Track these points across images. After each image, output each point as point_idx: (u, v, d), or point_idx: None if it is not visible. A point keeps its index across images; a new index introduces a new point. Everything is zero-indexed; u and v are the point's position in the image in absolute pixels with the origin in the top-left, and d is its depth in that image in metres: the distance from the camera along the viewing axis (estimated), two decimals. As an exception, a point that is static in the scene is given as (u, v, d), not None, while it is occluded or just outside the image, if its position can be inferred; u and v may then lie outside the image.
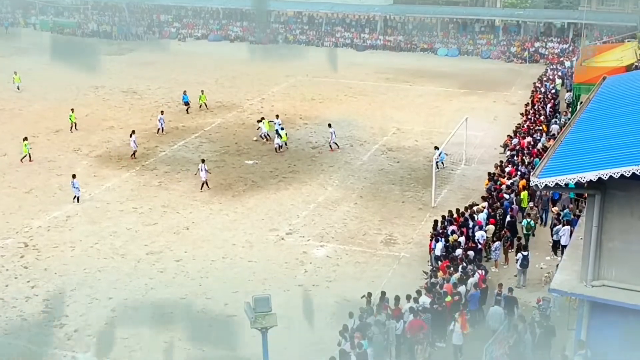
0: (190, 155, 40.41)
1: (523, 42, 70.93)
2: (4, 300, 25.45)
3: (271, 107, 50.46)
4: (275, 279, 26.95)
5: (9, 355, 22.43)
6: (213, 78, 58.93)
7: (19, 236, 30.52)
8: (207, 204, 33.97)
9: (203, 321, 24.19)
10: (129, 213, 32.95)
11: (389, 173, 37.96)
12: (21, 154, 39.22)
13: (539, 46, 70.30)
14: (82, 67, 61.53)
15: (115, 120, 47.13)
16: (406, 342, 21.38)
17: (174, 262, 28.39)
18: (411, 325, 21.35)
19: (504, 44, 71.63)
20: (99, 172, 37.87)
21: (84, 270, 27.67)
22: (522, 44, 70.60)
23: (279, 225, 31.63)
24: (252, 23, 79.69)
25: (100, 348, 22.75)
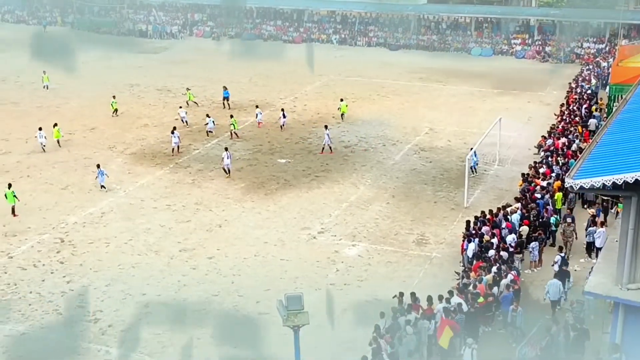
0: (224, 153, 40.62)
1: (558, 42, 70.17)
2: (40, 295, 25.87)
3: (304, 106, 50.59)
4: (306, 277, 27.03)
5: (44, 349, 22.80)
6: (246, 77, 59.21)
7: (55, 232, 30.99)
8: (240, 202, 34.17)
9: (235, 318, 24.36)
10: (162, 210, 33.28)
11: (422, 173, 37.85)
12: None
13: (575, 46, 69.49)
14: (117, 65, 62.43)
15: (149, 118, 47.60)
16: (438, 343, 21.30)
17: (206, 259, 28.62)
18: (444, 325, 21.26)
19: (539, 43, 70.91)
20: (133, 170, 38.30)
21: (118, 266, 28.02)
22: (558, 44, 69.85)
23: (310, 224, 31.71)
24: (285, 22, 79.90)
25: (133, 343, 23.02)
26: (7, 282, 26.73)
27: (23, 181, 36.51)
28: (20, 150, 41.24)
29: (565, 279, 24.34)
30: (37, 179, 36.87)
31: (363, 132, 44.62)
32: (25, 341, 23.20)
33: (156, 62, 66.18)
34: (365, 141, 42.86)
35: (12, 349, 22.76)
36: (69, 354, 22.56)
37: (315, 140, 42.86)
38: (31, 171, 37.98)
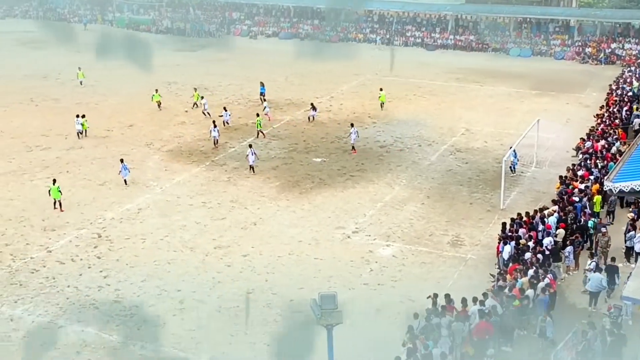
0: (259, 152, 40.75)
1: (599, 43, 69.18)
2: (77, 289, 26.24)
3: (340, 105, 50.59)
4: (340, 277, 27.02)
5: (81, 343, 23.10)
6: (283, 75, 59.39)
7: (92, 227, 31.41)
8: (275, 200, 34.29)
9: (268, 316, 24.45)
10: (198, 207, 33.53)
11: (457, 174, 37.60)
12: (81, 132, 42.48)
13: (616, 47, 68.44)
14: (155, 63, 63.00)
15: (186, 115, 47.97)
16: (472, 345, 21.15)
17: (241, 256, 28.77)
18: (478, 327, 21.13)
19: (579, 44, 70.01)
20: (170, 167, 38.64)
21: (154, 262, 28.30)
22: (598, 45, 68.88)
23: (345, 224, 31.70)
24: (322, 21, 79.98)
25: (168, 339, 23.24)
26: (46, 276, 27.17)
27: (62, 177, 37.05)
28: (60, 146, 41.87)
29: (614, 274, 24.29)
30: (76, 175, 37.39)
31: (399, 132, 44.47)
32: (63, 334, 23.54)
33: (194, 60, 66.71)
34: (401, 141, 42.72)
35: (49, 342, 23.12)
36: (105, 348, 22.84)
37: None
38: (70, 167, 38.54)
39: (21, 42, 73.68)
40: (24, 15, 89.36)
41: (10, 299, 25.60)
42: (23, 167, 38.56)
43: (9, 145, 41.85)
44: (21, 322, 24.24)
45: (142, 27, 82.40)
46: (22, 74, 59.18)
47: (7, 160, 39.43)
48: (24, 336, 23.39)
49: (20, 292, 26.05)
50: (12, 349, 22.84)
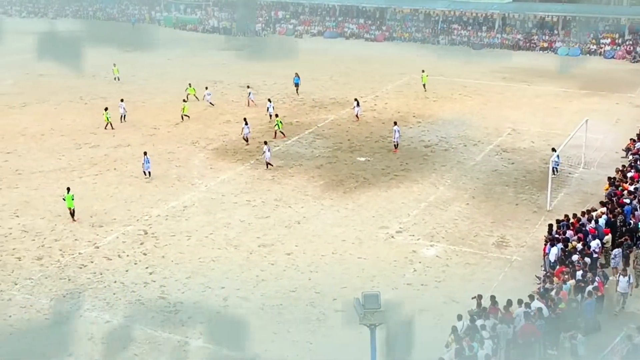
0: (304, 150, 40.96)
1: (650, 42, 67.74)
2: (124, 285, 26.65)
3: (385, 104, 50.44)
4: (383, 276, 26.95)
5: (127, 337, 23.46)
6: (327, 74, 59.42)
7: (139, 224, 31.86)
8: (319, 199, 34.34)
9: (311, 315, 24.51)
10: (242, 205, 33.76)
11: (503, 174, 37.19)
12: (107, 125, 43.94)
13: (668, 46, 66.96)
14: (201, 62, 63.67)
15: (232, 114, 48.31)
16: (517, 348, 20.92)
17: (284, 255, 28.89)
18: (523, 330, 20.88)
19: (629, 43, 68.57)
20: (215, 165, 38.98)
21: (198, 260, 28.58)
22: (649, 44, 67.45)
23: (389, 223, 31.60)
24: (367, 20, 79.81)
25: (212, 335, 23.45)
26: (93, 272, 27.65)
27: (110, 174, 37.69)
28: (108, 143, 42.56)
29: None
30: (123, 172, 37.95)
31: (444, 131, 44.16)
32: (109, 329, 23.94)
33: (239, 59, 67.10)
34: (446, 141, 42.42)
35: (97, 336, 23.53)
36: (149, 343, 23.16)
37: (395, 139, 42.68)
38: (117, 164, 39.14)
39: (72, 41, 74.98)
40: (75, 15, 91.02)
41: (59, 293, 26.13)
42: (72, 164, 39.29)
43: (59, 143, 42.68)
44: (70, 316, 24.69)
45: (189, 27, 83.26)
46: (73, 72, 60.21)
47: (57, 157, 40.22)
48: (72, 330, 23.83)
49: (69, 286, 26.57)
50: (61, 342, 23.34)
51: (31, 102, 51.06)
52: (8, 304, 25.51)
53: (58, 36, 76.50)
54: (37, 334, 23.76)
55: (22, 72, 60.83)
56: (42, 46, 69.27)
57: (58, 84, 56.43)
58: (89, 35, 77.96)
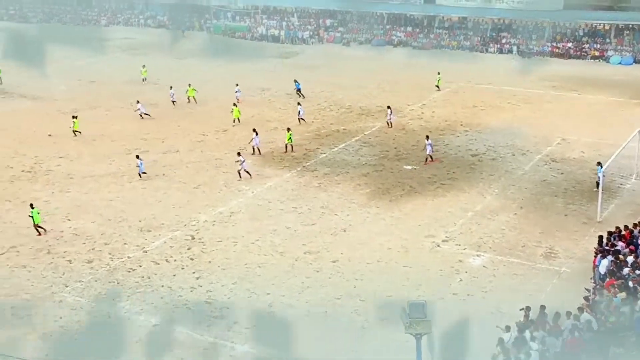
0: (350, 158, 40.98)
1: None
2: (171, 289, 26.99)
3: (432, 113, 50.19)
4: (429, 285, 26.80)
5: (173, 341, 23.75)
6: (375, 82, 59.37)
7: (186, 229, 32.23)
8: (365, 207, 34.31)
9: (356, 322, 24.49)
10: (289, 212, 33.91)
11: (552, 184, 36.67)
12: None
13: None
14: (249, 69, 64.18)
15: (279, 121, 48.55)
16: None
17: (330, 262, 28.93)
18: (572, 343, 20.53)
19: (684, 52, 67.10)
20: (262, 171, 39.23)
21: (244, 265, 28.80)
22: None
23: (435, 232, 31.42)
24: (415, 28, 79.55)
25: (257, 341, 23.59)
26: (142, 275, 28.07)
27: (158, 179, 38.23)
28: (157, 149, 43.17)
29: None
30: (172, 178, 38.45)
31: (492, 140, 43.74)
32: (156, 332, 24.27)
33: (287, 66, 67.48)
34: (494, 150, 42.01)
35: (144, 339, 23.86)
36: (195, 347, 23.42)
37: (442, 147, 42.43)
38: (166, 170, 39.68)
39: (122, 48, 76.40)
40: (126, 23, 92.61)
41: (108, 296, 26.59)
42: (122, 169, 39.94)
43: (109, 148, 43.44)
44: (118, 318, 25.14)
45: (237, 34, 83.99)
46: (123, 79, 61.32)
47: (107, 162, 40.95)
48: (120, 333, 24.21)
49: (118, 289, 27.00)
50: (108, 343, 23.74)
51: (83, 107, 52.08)
52: (59, 305, 26.06)
53: (112, 44, 77.90)
54: (86, 335, 24.20)
55: (75, 79, 62.07)
56: (95, 53, 70.65)
57: (109, 90, 57.42)
58: (140, 43, 79.32)
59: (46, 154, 42.26)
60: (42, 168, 40.15)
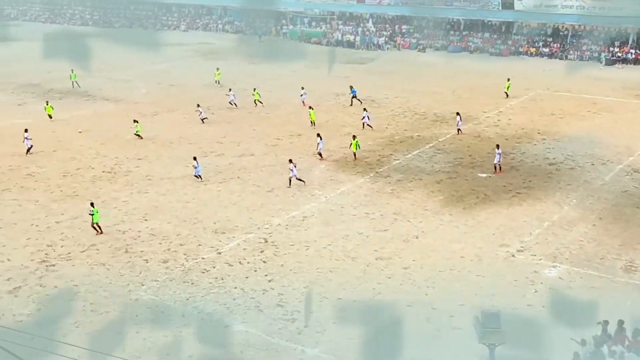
0: (424, 164, 40.70)
1: None
2: (243, 291, 27.31)
3: (508, 120, 49.38)
4: (503, 295, 26.34)
5: (245, 343, 24.03)
6: (450, 89, 58.82)
7: (260, 232, 32.58)
8: (438, 214, 34.01)
9: (427, 331, 24.26)
10: (361, 218, 33.89)
11: (634, 195, 35.57)
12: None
13: None
14: (324, 75, 64.52)
15: (353, 127, 48.51)
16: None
17: (401, 269, 28.77)
18: (650, 360, 19.88)
19: None
20: (335, 176, 39.34)
21: (316, 270, 28.91)
22: None
23: (509, 241, 30.88)
24: (492, 35, 78.47)
25: (328, 345, 23.65)
26: (215, 277, 28.50)
27: (233, 182, 38.77)
28: (232, 153, 43.80)
29: None
30: (246, 181, 38.93)
31: (570, 149, 42.73)
32: (228, 334, 24.59)
33: (362, 72, 67.57)
34: (572, 159, 41.02)
35: (216, 340, 24.22)
36: (266, 350, 23.62)
37: (519, 155, 41.73)
38: (241, 173, 40.20)
39: (201, 53, 77.90)
40: (205, 28, 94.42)
41: (182, 296, 27.11)
42: (198, 171, 40.70)
43: (187, 151, 44.29)
44: (191, 318, 25.59)
45: (313, 40, 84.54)
46: (201, 83, 62.55)
47: (184, 164, 41.71)
48: (193, 333, 24.65)
49: (192, 290, 27.50)
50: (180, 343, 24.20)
51: (162, 111, 53.30)
52: (135, 303, 26.70)
53: (191, 48, 79.54)
54: (161, 334, 24.70)
55: (155, 82, 63.61)
56: (174, 57, 72.25)
57: (187, 94, 58.58)
58: (219, 48, 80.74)
59: (126, 156, 43.42)
60: (122, 169, 41.27)
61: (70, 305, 26.71)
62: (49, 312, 26.23)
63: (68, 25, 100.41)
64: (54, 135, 47.76)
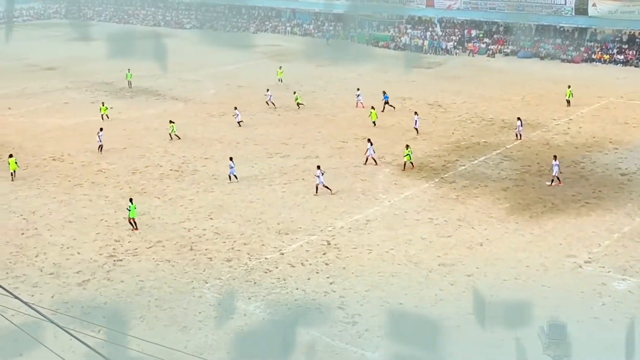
0: (490, 171, 40.15)
1: None
2: (305, 292, 27.43)
3: (579, 128, 48.29)
4: (568, 307, 25.77)
5: (304, 344, 24.13)
6: (519, 95, 57.86)
7: (322, 234, 32.67)
8: (503, 222, 33.50)
9: (490, 340, 23.91)
10: (424, 223, 33.65)
11: None
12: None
13: None
14: (392, 78, 64.32)
15: (413, 131, 48.19)
16: None
17: (464, 276, 28.44)
18: None
19: None
20: (399, 181, 39.15)
21: (378, 273, 28.83)
22: None
23: (577, 252, 30.19)
24: (565, 41, 76.87)
25: (387, 349, 23.55)
26: (277, 277, 28.71)
27: (298, 183, 38.98)
28: (298, 154, 44.04)
29: None
30: (311, 183, 39.01)
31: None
32: (288, 334, 24.70)
33: (429, 77, 67.08)
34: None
35: (275, 340, 24.39)
36: (327, 352, 23.68)
37: (589, 165, 40.77)
38: (306, 175, 40.36)
39: (269, 55, 78.60)
40: (274, 30, 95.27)
41: (244, 295, 27.41)
42: (263, 172, 41.06)
43: (252, 152, 44.78)
44: (253, 317, 25.88)
45: (381, 43, 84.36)
46: (268, 84, 63.02)
47: (249, 165, 42.21)
48: (254, 332, 24.87)
49: (254, 289, 27.78)
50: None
51: (229, 111, 53.97)
52: (199, 300, 27.12)
53: (259, 50, 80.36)
54: (223, 331, 25.01)
55: (224, 83, 64.50)
56: (243, 59, 73.09)
57: (255, 95, 59.16)
58: (287, 50, 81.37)
59: (193, 155, 44.14)
60: (189, 168, 41.96)
61: (135, 299, 27.33)
62: (115, 306, 26.85)
63: (140, 26, 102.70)
64: (124, 133, 48.90)
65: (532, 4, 78.44)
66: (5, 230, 33.92)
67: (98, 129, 45.75)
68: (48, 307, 24.39)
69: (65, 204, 37.00)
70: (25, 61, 76.29)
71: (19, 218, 35.33)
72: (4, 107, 57.54)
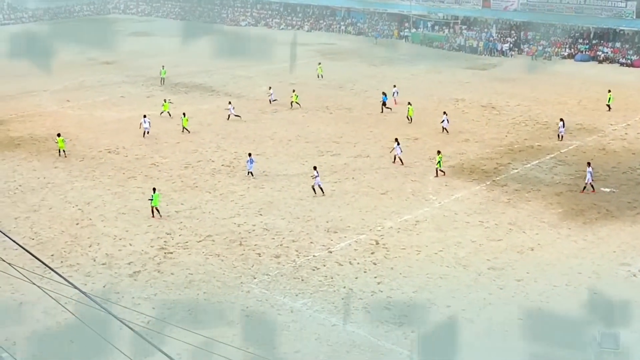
0: (543, 175, 39.54)
1: None
2: (352, 291, 27.41)
3: (637, 134, 47.23)
4: (621, 316, 25.16)
5: (351, 343, 24.13)
6: (576, 99, 56.84)
7: (371, 234, 32.60)
8: (555, 227, 32.96)
9: (539, 347, 23.52)
10: (474, 226, 33.31)
11: None
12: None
13: None
14: (445, 79, 63.85)
15: (471, 133, 47.81)
16: None
17: (514, 281, 28.08)
18: None
19: None
20: (450, 182, 38.82)
21: (426, 275, 28.66)
22: None
23: (632, 260, 29.55)
24: (624, 44, 75.20)
25: (432, 350, 23.39)
26: (325, 275, 28.75)
27: (348, 182, 38.97)
28: (348, 153, 44.02)
29: None
30: (360, 182, 39.02)
31: None
32: (335, 332, 24.76)
33: (483, 78, 66.33)
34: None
35: (322, 337, 24.44)
36: (373, 351, 23.64)
37: (646, 171, 39.88)
38: (356, 174, 40.33)
39: (322, 53, 78.66)
40: (328, 29, 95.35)
41: (292, 292, 27.52)
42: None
43: (303, 149, 44.92)
44: (300, 314, 25.96)
45: (435, 44, 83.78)
46: (321, 83, 63.22)
47: (300, 162, 42.35)
48: (301, 329, 24.97)
49: (302, 286, 27.87)
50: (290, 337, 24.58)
51: (281, 109, 54.23)
52: (247, 295, 27.32)
53: (313, 49, 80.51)
54: (268, 326, 25.16)
55: (277, 80, 64.79)
56: (297, 57, 73.35)
57: (307, 93, 59.27)
58: (341, 49, 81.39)
59: (245, 151, 44.40)
60: (240, 164, 42.25)
61: (184, 292, 27.66)
62: (165, 297, 27.24)
63: (197, 22, 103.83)
64: (178, 128, 49.49)
65: (591, 6, 76.99)
66: (61, 220, 34.69)
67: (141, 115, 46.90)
68: (100, 296, 24.83)
69: (119, 195, 37.67)
70: (85, 55, 77.76)
71: (75, 208, 36.08)
72: (63, 99, 58.84)
